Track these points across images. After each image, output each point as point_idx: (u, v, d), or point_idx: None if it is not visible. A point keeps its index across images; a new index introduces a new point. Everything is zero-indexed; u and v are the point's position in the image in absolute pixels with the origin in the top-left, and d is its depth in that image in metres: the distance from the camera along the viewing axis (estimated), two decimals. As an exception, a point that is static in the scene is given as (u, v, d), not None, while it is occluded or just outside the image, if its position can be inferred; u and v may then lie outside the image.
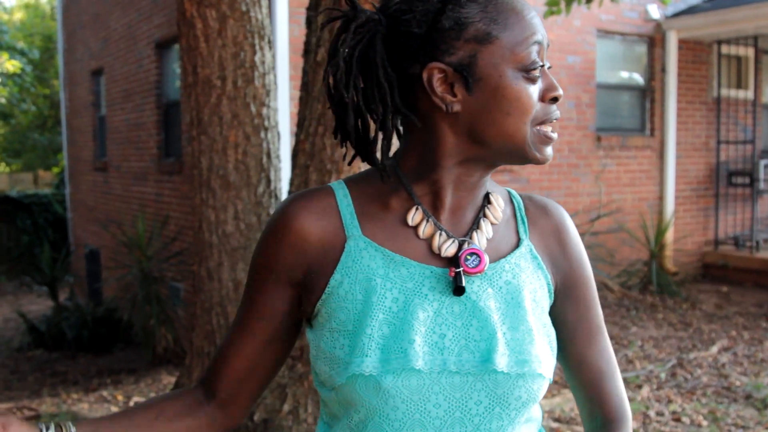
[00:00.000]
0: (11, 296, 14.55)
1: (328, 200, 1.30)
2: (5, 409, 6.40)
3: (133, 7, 10.50)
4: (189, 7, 4.24)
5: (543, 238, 1.37)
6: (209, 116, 4.35)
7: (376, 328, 1.22)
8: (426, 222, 1.28)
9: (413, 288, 1.25)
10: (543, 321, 1.30)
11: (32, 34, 23.04)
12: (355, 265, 1.26)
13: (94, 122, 12.85)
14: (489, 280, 1.28)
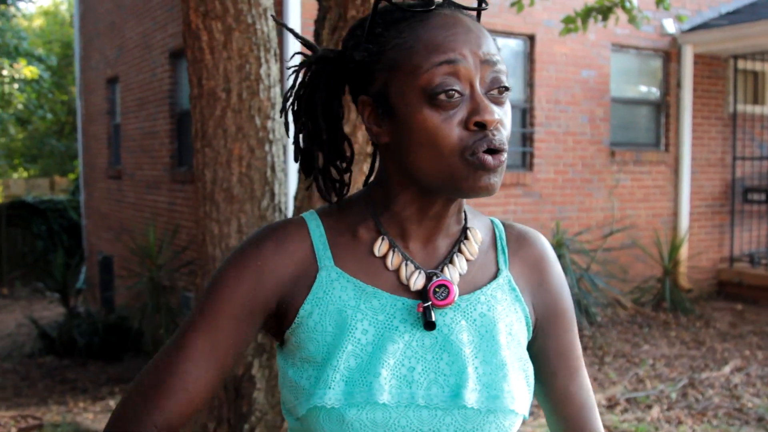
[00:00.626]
0: (25, 301, 14.60)
1: (299, 231, 1.27)
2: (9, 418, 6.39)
3: (148, 16, 10.53)
4: (194, 18, 4.21)
5: (524, 269, 1.33)
6: (214, 129, 4.32)
7: (343, 359, 1.18)
8: (393, 252, 1.25)
9: (384, 320, 1.22)
10: (519, 355, 1.26)
11: (51, 41, 23.20)
12: (326, 296, 1.23)
13: (108, 130, 12.89)
14: (462, 312, 1.24)
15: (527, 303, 1.31)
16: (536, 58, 9.09)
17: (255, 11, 4.25)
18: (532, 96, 9.13)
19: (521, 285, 1.31)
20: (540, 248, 1.35)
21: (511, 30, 8.90)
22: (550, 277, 1.35)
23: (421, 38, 1.16)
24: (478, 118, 1.13)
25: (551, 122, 9.25)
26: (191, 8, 4.23)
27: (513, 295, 1.29)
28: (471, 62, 1.15)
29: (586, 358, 7.43)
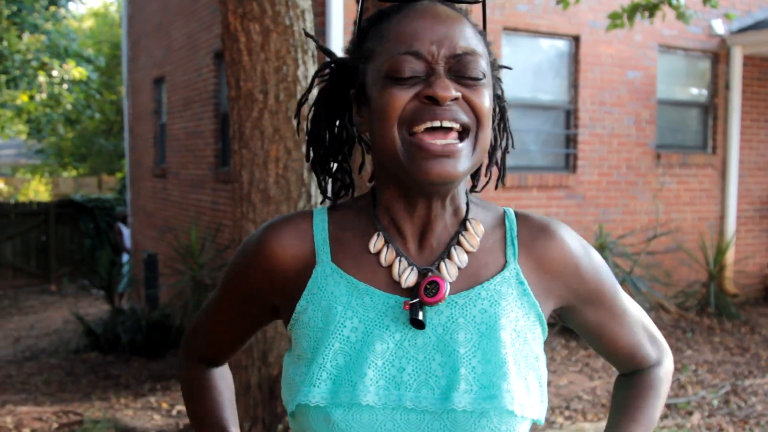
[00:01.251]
0: (72, 298, 14.83)
1: (304, 225, 1.29)
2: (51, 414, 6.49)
3: (194, 16, 10.62)
4: (233, 20, 4.24)
5: (540, 261, 1.27)
6: (251, 130, 4.35)
7: (330, 357, 1.18)
8: (387, 248, 1.24)
9: (374, 318, 1.20)
10: (526, 353, 1.21)
11: (101, 42, 23.51)
12: (319, 291, 1.24)
13: (154, 129, 13.03)
14: (460, 310, 1.20)
15: (539, 296, 1.26)
16: (581, 59, 9.01)
17: (293, 13, 4.26)
18: (576, 97, 9.05)
19: (534, 278, 1.26)
20: (560, 238, 1.29)
21: (556, 31, 8.83)
22: (576, 263, 1.30)
23: (394, 29, 1.19)
24: (430, 91, 1.14)
25: (596, 124, 9.16)
26: (230, 10, 4.25)
27: (520, 289, 1.24)
28: (436, 52, 1.16)
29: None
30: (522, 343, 1.21)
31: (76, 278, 16.07)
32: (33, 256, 16.37)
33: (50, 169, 25.22)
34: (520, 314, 1.22)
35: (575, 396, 6.42)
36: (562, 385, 6.67)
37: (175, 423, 6.18)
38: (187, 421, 6.01)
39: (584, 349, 7.76)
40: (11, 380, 8.59)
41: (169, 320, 9.76)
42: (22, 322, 12.59)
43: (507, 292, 1.23)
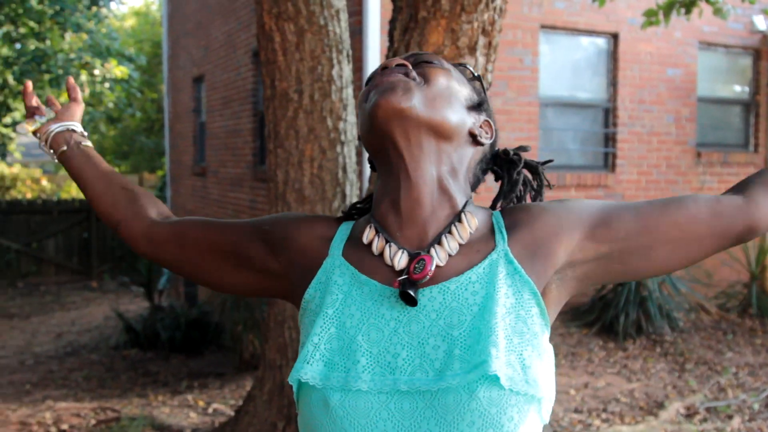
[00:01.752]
0: (113, 294, 14.97)
1: (333, 224, 1.41)
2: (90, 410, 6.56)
3: (233, 15, 10.68)
4: (268, 20, 4.26)
5: (525, 234, 1.30)
6: (286, 130, 4.36)
7: (324, 339, 1.23)
8: (378, 238, 1.30)
9: (371, 307, 1.25)
10: (519, 329, 1.21)
11: (142, 41, 23.74)
12: (327, 280, 1.31)
13: (194, 128, 13.14)
14: (453, 295, 1.24)
15: (534, 273, 1.27)
16: (620, 57, 8.93)
17: (327, 13, 4.27)
18: (615, 95, 8.97)
19: (527, 255, 1.28)
20: (534, 205, 1.35)
21: (594, 28, 8.76)
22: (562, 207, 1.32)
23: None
24: (383, 63, 1.33)
25: (635, 122, 9.07)
26: (265, 10, 4.27)
27: (510, 268, 1.26)
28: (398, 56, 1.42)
29: (666, 364, 7.27)
30: (514, 320, 1.21)
31: (116, 275, 16.24)
32: (75, 252, 16.57)
33: (92, 167, 25.45)
34: (511, 292, 1.23)
35: (612, 398, 6.36)
36: (599, 387, 6.62)
37: (211, 421, 6.21)
38: (223, 419, 6.05)
39: (623, 350, 7.69)
40: (52, 375, 8.71)
41: (208, 317, 9.83)
42: (64, 317, 12.75)
43: (497, 272, 1.25)
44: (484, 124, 1.40)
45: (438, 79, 1.31)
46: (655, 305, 8.04)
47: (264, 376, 4.82)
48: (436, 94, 1.30)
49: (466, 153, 1.36)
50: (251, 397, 4.93)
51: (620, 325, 7.90)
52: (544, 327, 1.25)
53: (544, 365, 1.21)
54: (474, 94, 1.40)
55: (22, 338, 11.07)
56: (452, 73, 1.36)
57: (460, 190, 1.33)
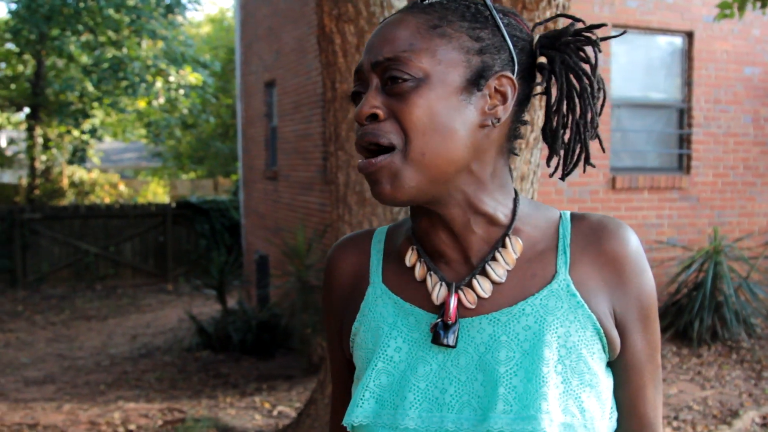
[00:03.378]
0: (187, 297, 15.22)
1: (363, 245, 1.30)
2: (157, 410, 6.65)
3: (303, 20, 10.74)
4: (328, 22, 4.25)
5: (594, 267, 1.17)
6: (346, 132, 4.34)
7: (373, 377, 1.17)
8: (419, 263, 1.21)
9: (419, 338, 1.17)
10: (579, 369, 1.12)
11: (217, 47, 24.11)
12: (370, 312, 1.23)
13: (266, 132, 13.25)
14: (503, 327, 1.14)
15: (597, 307, 1.15)
16: (695, 56, 8.71)
17: (387, 13, 4.24)
18: (689, 96, 8.75)
19: (590, 286, 1.16)
20: (615, 242, 1.17)
21: (668, 27, 8.57)
22: (626, 277, 1.17)
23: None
24: (354, 116, 1.14)
25: (710, 123, 8.84)
26: (325, 12, 4.26)
27: (572, 302, 1.14)
28: (365, 67, 1.15)
29: (742, 371, 7.05)
30: (575, 360, 1.12)
31: (190, 278, 16.51)
32: (151, 256, 16.89)
33: (169, 172, 26.00)
34: (573, 329, 1.13)
35: (685, 406, 6.19)
36: (671, 394, 6.45)
37: (275, 423, 6.24)
38: (287, 422, 6.07)
39: (696, 357, 7.49)
40: (126, 376, 8.87)
41: (278, 320, 9.90)
42: (140, 320, 13.00)
43: (555, 306, 1.14)
44: (494, 95, 1.15)
45: (416, 116, 1.09)
46: (731, 311, 7.81)
47: (325, 379, 4.81)
48: (423, 141, 1.10)
49: (487, 151, 1.16)
50: (313, 400, 4.93)
51: (694, 330, 7.69)
52: (605, 359, 1.17)
53: (602, 405, 1.14)
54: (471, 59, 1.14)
55: (99, 340, 11.31)
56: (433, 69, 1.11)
57: (496, 195, 1.18)
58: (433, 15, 1.15)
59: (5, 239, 15.79)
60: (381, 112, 1.11)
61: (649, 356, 1.20)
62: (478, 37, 1.15)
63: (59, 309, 14.01)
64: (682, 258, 8.45)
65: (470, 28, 1.15)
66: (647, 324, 1.19)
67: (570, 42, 1.22)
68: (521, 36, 1.20)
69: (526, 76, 1.21)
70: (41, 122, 18.97)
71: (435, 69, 1.11)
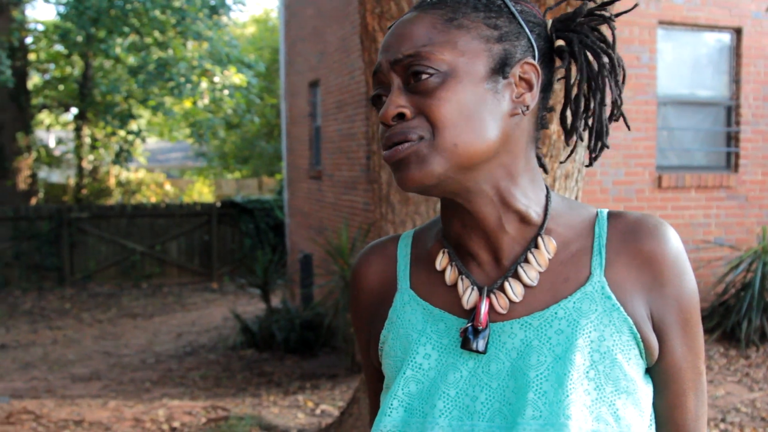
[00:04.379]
0: (232, 296, 15.32)
1: (389, 251, 1.28)
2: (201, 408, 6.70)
3: (347, 20, 10.77)
4: (371, 20, 4.24)
5: (631, 269, 1.12)
6: (389, 130, 4.34)
7: (401, 384, 1.14)
8: (451, 267, 1.18)
9: (449, 344, 1.15)
10: (614, 375, 1.08)
11: (262, 48, 24.25)
12: (398, 319, 1.21)
13: (310, 132, 13.31)
14: (535, 332, 1.10)
15: (634, 310, 1.11)
16: (743, 53, 8.57)
17: (430, 12, 4.22)
18: (738, 93, 8.62)
19: (627, 288, 1.12)
20: (655, 241, 1.12)
21: (716, 23, 8.44)
22: (664, 278, 1.12)
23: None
24: (380, 117, 1.10)
25: (759, 120, 8.69)
26: (368, 10, 4.26)
27: (607, 305, 1.10)
28: (384, 68, 1.12)
29: (792, 374, 6.93)
30: (610, 365, 1.08)
31: (235, 277, 16.63)
32: (196, 254, 17.03)
33: (214, 172, 26.22)
34: (608, 333, 1.09)
35: (732, 408, 6.09)
36: (718, 396, 6.35)
37: (318, 422, 6.25)
38: (329, 420, 6.08)
39: (745, 358, 7.37)
40: (171, 374, 8.95)
41: (321, 319, 9.93)
42: (185, 318, 13.11)
43: (589, 309, 1.10)
44: (519, 83, 1.13)
45: (446, 110, 1.07)
46: (780, 312, 7.69)
47: (369, 377, 4.80)
48: (454, 133, 1.07)
49: (518, 141, 1.14)
50: (355, 399, 4.93)
51: (743, 331, 7.57)
52: (643, 365, 1.12)
53: (640, 412, 1.10)
54: (493, 47, 1.11)
55: (145, 337, 11.43)
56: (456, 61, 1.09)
57: (528, 191, 1.15)
58: (446, 9, 1.12)
59: (53, 238, 16.03)
60: (408, 111, 1.09)
61: (689, 363, 1.15)
62: (496, 25, 1.12)
63: (106, 307, 14.19)
64: (729, 258, 8.32)
65: (486, 17, 1.12)
66: (687, 328, 1.14)
67: (585, 22, 1.19)
68: (536, 21, 1.17)
69: (546, 61, 1.19)
70: (88, 122, 19.23)
71: (458, 60, 1.09)
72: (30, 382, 8.60)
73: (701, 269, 8.26)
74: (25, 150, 17.84)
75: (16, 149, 17.50)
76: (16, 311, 13.80)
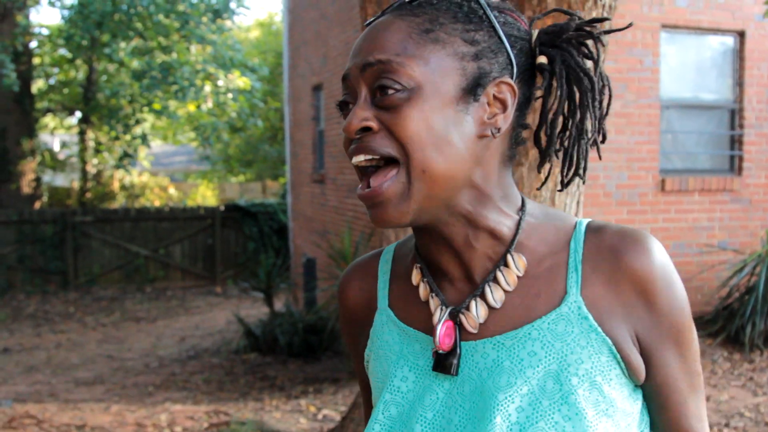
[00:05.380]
0: (236, 299, 15.33)
1: (370, 268, 1.25)
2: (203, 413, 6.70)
3: (350, 24, 10.77)
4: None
5: (610, 287, 1.06)
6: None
7: (382, 409, 1.13)
8: (423, 283, 1.15)
9: (424, 366, 1.13)
10: (593, 398, 1.03)
11: (266, 51, 24.27)
12: (378, 340, 1.20)
13: (313, 136, 13.31)
14: (507, 352, 1.06)
15: (613, 330, 1.06)
16: (746, 56, 8.56)
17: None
18: (741, 96, 8.61)
19: (605, 307, 1.06)
20: (636, 257, 1.06)
21: (719, 27, 8.43)
22: (649, 296, 1.06)
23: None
24: (343, 129, 1.05)
25: (763, 123, 8.68)
26: (369, 14, 4.24)
27: (584, 325, 1.05)
28: (353, 73, 1.07)
29: (796, 378, 6.90)
30: (588, 389, 1.04)
31: (239, 281, 16.64)
32: (200, 258, 17.04)
33: (218, 175, 26.25)
34: (585, 355, 1.04)
35: (736, 413, 6.07)
36: (722, 401, 6.33)
37: (320, 427, 6.25)
38: (331, 426, 6.07)
39: (749, 362, 7.35)
40: (174, 378, 8.95)
41: (325, 323, 9.92)
42: (188, 321, 13.11)
43: (565, 331, 1.05)
44: (493, 103, 1.08)
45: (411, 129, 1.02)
46: (784, 316, 7.66)
47: (370, 382, 4.80)
48: (421, 157, 1.02)
49: (488, 162, 1.09)
50: (357, 404, 4.92)
51: (746, 335, 7.55)
52: (628, 384, 1.08)
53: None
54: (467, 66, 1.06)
55: (148, 341, 11.44)
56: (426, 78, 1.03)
57: (501, 207, 1.11)
58: (423, 17, 1.06)
59: (58, 241, 16.06)
60: (374, 124, 1.04)
61: (686, 372, 1.11)
62: (474, 40, 1.07)
63: (109, 310, 14.21)
64: (733, 261, 8.30)
65: (464, 30, 1.07)
66: (681, 340, 1.10)
67: (572, 38, 1.13)
68: (519, 35, 1.12)
69: (526, 77, 1.14)
70: (93, 126, 19.26)
71: (428, 78, 1.04)
72: (33, 386, 8.60)
73: (705, 273, 8.24)
74: (29, 154, 17.87)
75: (21, 153, 17.53)
76: (20, 315, 13.82)
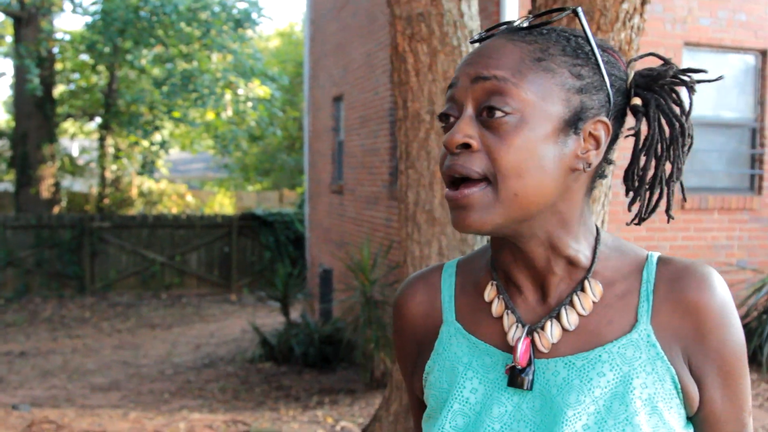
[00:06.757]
0: (251, 308, 15.36)
1: (433, 282, 1.28)
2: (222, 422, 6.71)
3: (371, 37, 10.82)
4: (401, 41, 4.27)
5: (674, 317, 1.11)
6: (417, 151, 4.36)
7: (449, 419, 1.15)
8: (498, 300, 1.18)
9: (494, 379, 1.15)
10: (653, 423, 1.07)
11: (285, 61, 24.36)
12: (444, 352, 1.22)
13: (333, 146, 13.35)
14: (577, 372, 1.10)
15: (673, 358, 1.10)
16: (768, 75, 8.56)
17: (460, 33, 4.25)
18: (763, 114, 8.59)
19: (669, 337, 1.11)
20: (699, 291, 1.10)
21: (741, 45, 8.42)
22: (705, 330, 1.10)
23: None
24: (444, 140, 1.08)
25: (784, 144, 8.66)
26: (398, 31, 4.28)
27: (652, 353, 1.10)
28: (462, 84, 1.09)
29: (815, 400, 6.87)
30: (649, 413, 1.08)
31: (254, 289, 16.68)
32: (216, 266, 17.09)
33: (235, 183, 26.33)
34: (650, 381, 1.09)
35: (755, 433, 6.06)
36: (741, 421, 6.30)
37: (338, 438, 6.27)
38: (351, 437, 6.08)
39: (766, 383, 7.32)
40: (190, 386, 8.98)
41: (341, 334, 9.94)
42: (204, 329, 13.15)
43: (633, 356, 1.10)
44: (588, 138, 1.12)
45: (513, 156, 1.05)
46: (804, 337, 7.63)
47: (390, 396, 4.81)
48: (516, 183, 1.06)
49: (575, 193, 1.14)
50: (377, 417, 4.94)
51: (764, 355, 7.53)
52: (683, 414, 1.12)
53: None
54: (571, 98, 1.09)
55: (163, 348, 11.48)
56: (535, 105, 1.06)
57: (580, 237, 1.16)
58: (534, 46, 1.09)
59: (75, 246, 16.14)
60: (475, 143, 1.06)
61: (731, 415, 1.13)
62: (579, 74, 1.10)
63: (125, 316, 14.26)
64: (752, 281, 8.28)
65: (572, 64, 1.10)
66: (730, 381, 1.12)
67: (667, 84, 1.18)
68: (619, 75, 1.16)
69: (618, 116, 1.17)
70: (112, 132, 19.38)
71: (537, 105, 1.06)
72: (49, 391, 8.65)
73: (724, 292, 8.20)
74: (49, 158, 17.98)
75: (41, 158, 17.64)
76: (37, 319, 13.90)
